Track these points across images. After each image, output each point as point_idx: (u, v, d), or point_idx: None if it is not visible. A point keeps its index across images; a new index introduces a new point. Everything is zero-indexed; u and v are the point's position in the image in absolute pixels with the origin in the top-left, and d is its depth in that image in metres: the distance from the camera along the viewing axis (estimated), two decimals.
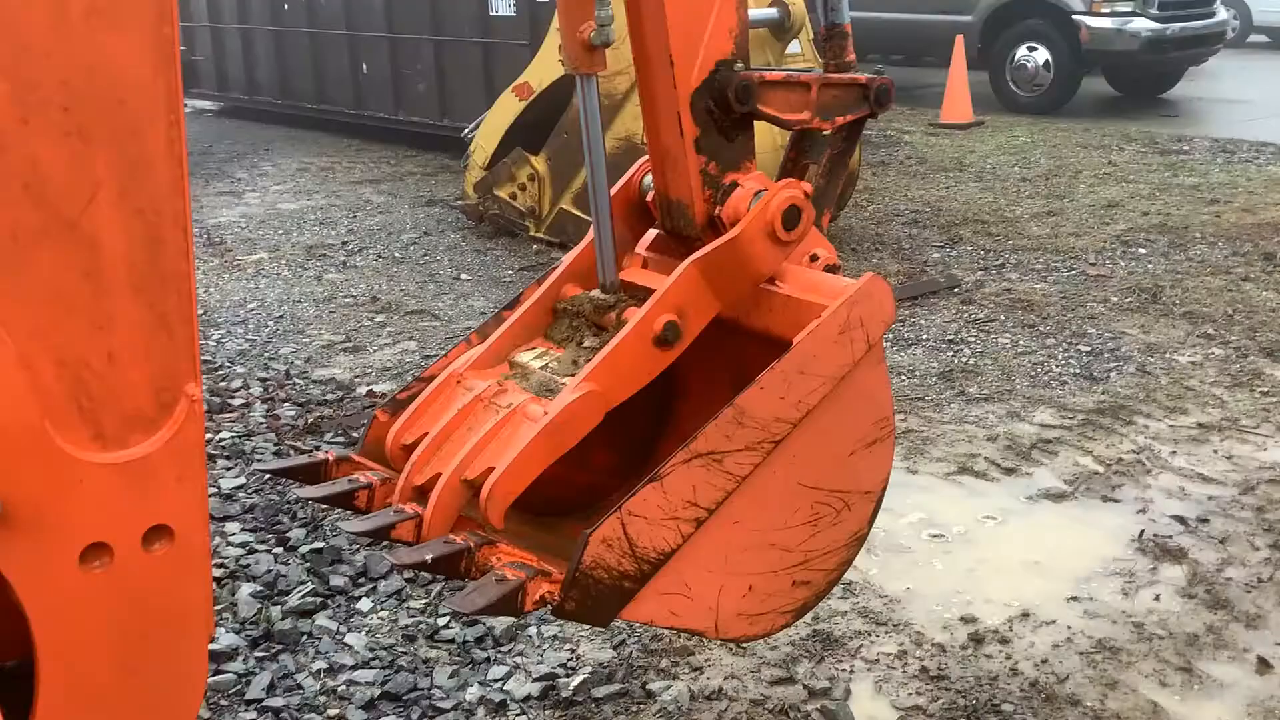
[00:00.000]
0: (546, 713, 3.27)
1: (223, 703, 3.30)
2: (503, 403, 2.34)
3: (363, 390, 5.57)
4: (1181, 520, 4.25)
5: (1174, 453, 4.79)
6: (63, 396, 1.55)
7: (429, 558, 2.13)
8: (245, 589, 3.81)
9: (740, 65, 2.39)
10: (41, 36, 1.45)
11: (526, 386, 2.37)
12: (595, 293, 2.51)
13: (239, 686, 3.36)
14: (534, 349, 2.50)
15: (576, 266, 2.59)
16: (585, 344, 2.45)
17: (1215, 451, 4.80)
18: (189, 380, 1.64)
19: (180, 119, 1.57)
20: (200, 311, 6.63)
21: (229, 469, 4.69)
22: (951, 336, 6.14)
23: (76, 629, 1.61)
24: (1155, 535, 4.14)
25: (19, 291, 1.49)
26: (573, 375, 2.31)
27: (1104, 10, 12.83)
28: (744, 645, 3.46)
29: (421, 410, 2.43)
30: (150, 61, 1.53)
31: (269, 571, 3.92)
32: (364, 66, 12.26)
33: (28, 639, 1.60)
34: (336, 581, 3.87)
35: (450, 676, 3.41)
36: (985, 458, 4.78)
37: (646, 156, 2.57)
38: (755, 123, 2.46)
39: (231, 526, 4.22)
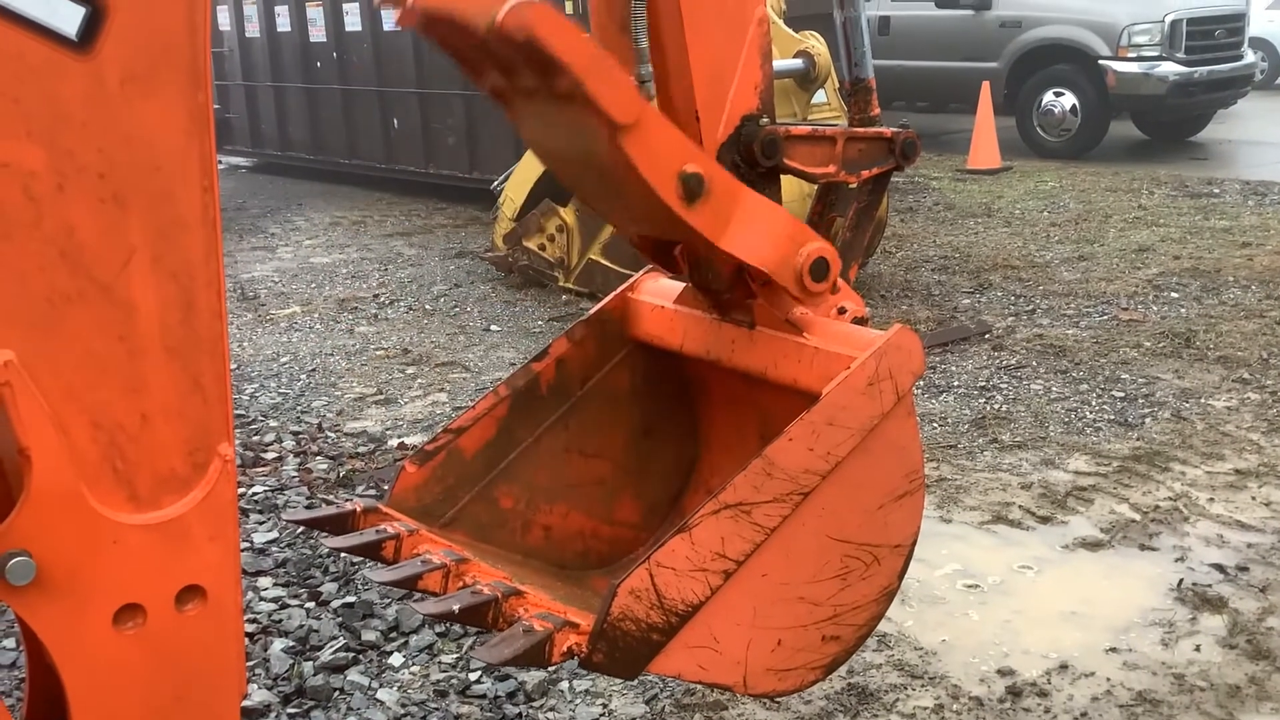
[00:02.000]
0: None
1: None
2: None
3: (394, 443, 5.59)
4: (1221, 568, 4.19)
5: (1211, 500, 4.73)
6: (97, 458, 1.57)
7: (456, 608, 2.13)
8: (277, 644, 3.81)
9: (766, 120, 2.41)
10: (78, 104, 1.48)
11: None
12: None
13: None
14: None
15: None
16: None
17: (1253, 498, 4.73)
18: (222, 440, 1.65)
19: (214, 183, 1.60)
20: (233, 366, 6.69)
21: (261, 523, 4.71)
22: (983, 383, 6.11)
23: (110, 690, 1.62)
24: (1194, 584, 4.08)
25: (55, 355, 1.52)
26: None
27: (1130, 55, 12.85)
28: (775, 701, 3.42)
29: None
30: (185, 128, 1.56)
31: (301, 626, 3.92)
32: (395, 121, 12.43)
33: (62, 700, 1.61)
34: (368, 636, 3.87)
35: None
36: (1020, 506, 4.74)
37: None
38: (781, 176, 2.48)
39: (264, 581, 4.23)
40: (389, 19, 12.05)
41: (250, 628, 3.89)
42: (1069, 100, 13.19)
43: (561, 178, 2.45)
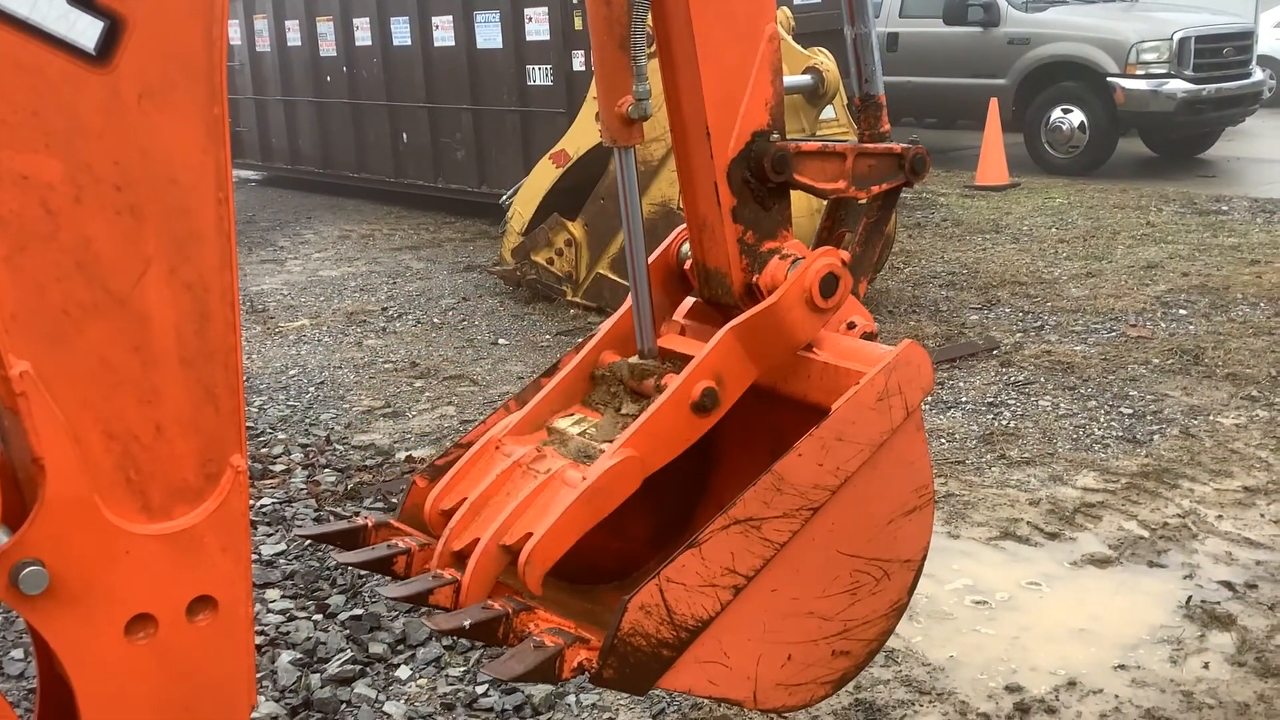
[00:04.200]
0: None
1: None
2: (541, 468, 2.35)
3: (402, 456, 5.60)
4: (1229, 586, 4.17)
5: (1220, 517, 4.72)
6: (111, 468, 1.57)
7: (467, 624, 2.13)
8: (285, 656, 3.82)
9: (776, 135, 2.42)
10: (96, 117, 1.50)
11: (565, 452, 2.38)
12: (634, 359, 2.53)
13: None
14: (572, 415, 2.51)
15: (615, 333, 2.60)
16: (624, 410, 2.46)
17: (1262, 515, 4.72)
18: (234, 452, 1.66)
19: (229, 196, 1.61)
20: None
21: (270, 535, 4.71)
22: (991, 399, 6.10)
23: (120, 699, 1.63)
24: (1203, 601, 4.07)
25: (70, 365, 1.53)
26: (611, 441, 2.32)
27: (1139, 72, 12.86)
28: (784, 716, 3.42)
29: (460, 476, 2.44)
30: (201, 141, 1.57)
31: (308, 639, 3.92)
32: (404, 135, 12.47)
33: (73, 709, 1.62)
34: (376, 649, 3.87)
35: None
36: (1028, 522, 4.73)
37: (684, 225, 2.60)
38: (791, 191, 2.48)
39: (272, 593, 4.23)
40: (399, 34, 12.12)
41: (258, 640, 3.89)
42: (1077, 117, 13.20)
43: None
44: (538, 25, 10.60)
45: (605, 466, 2.23)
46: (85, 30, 1.47)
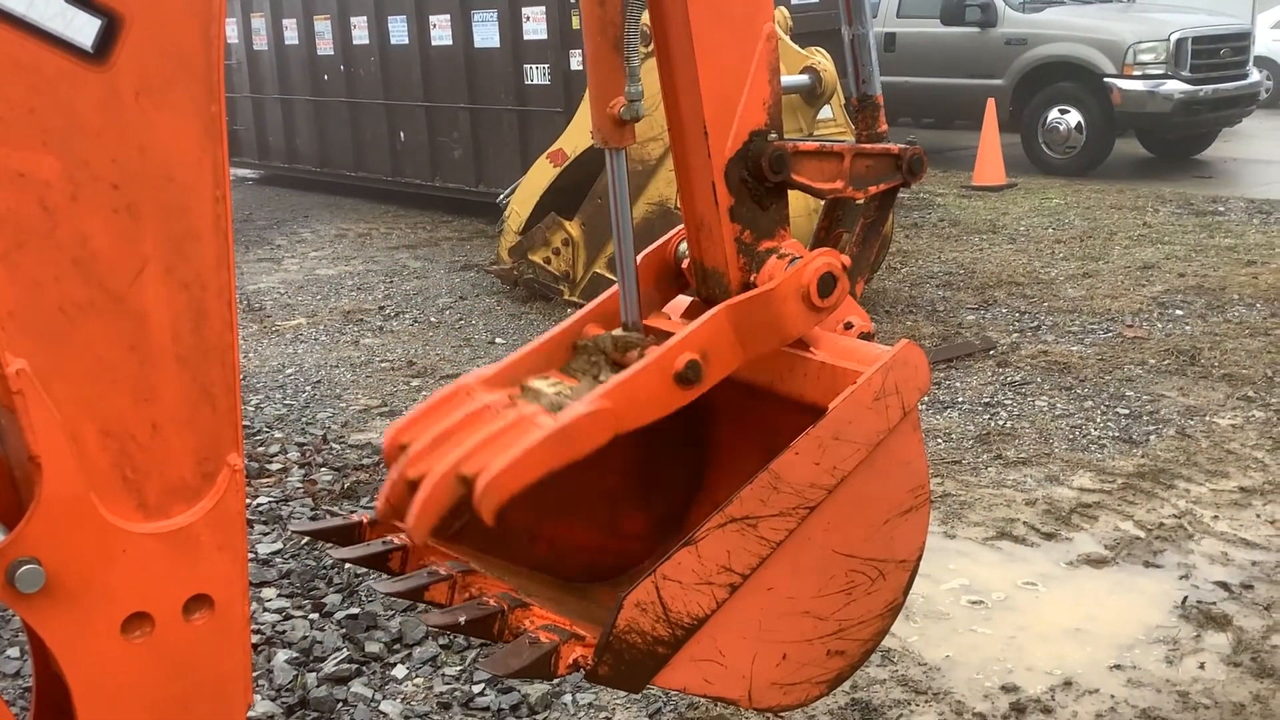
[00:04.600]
0: None
1: None
2: (510, 415, 2.27)
3: None
4: (1225, 586, 4.18)
5: (1216, 517, 4.73)
6: (107, 467, 1.57)
7: (462, 620, 2.13)
8: (281, 655, 3.82)
9: (774, 135, 2.41)
10: (93, 115, 1.49)
11: (538, 404, 2.30)
12: (618, 331, 2.49)
13: None
14: (549, 378, 2.44)
15: (602, 310, 2.56)
16: (602, 378, 2.39)
17: (1258, 516, 4.73)
18: (231, 450, 1.66)
19: (226, 194, 1.61)
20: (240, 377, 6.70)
21: (266, 534, 4.71)
22: (988, 399, 6.11)
23: (117, 698, 1.62)
24: (1199, 602, 4.07)
25: (66, 364, 1.53)
26: None
27: (1136, 73, 12.87)
28: (779, 715, 3.42)
29: (425, 415, 2.29)
30: (198, 139, 1.57)
31: (305, 638, 3.92)
32: (401, 134, 12.46)
33: (69, 708, 1.62)
34: (372, 648, 3.87)
35: None
36: (1024, 522, 4.74)
37: (682, 225, 2.60)
38: (789, 190, 2.48)
39: (268, 592, 4.23)
40: (396, 33, 12.12)
41: (254, 639, 3.89)
42: (1074, 118, 13.22)
43: None
44: (535, 24, 10.60)
45: (578, 412, 2.15)
46: (83, 28, 1.47)
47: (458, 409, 2.28)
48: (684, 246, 2.62)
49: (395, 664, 3.80)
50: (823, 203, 2.64)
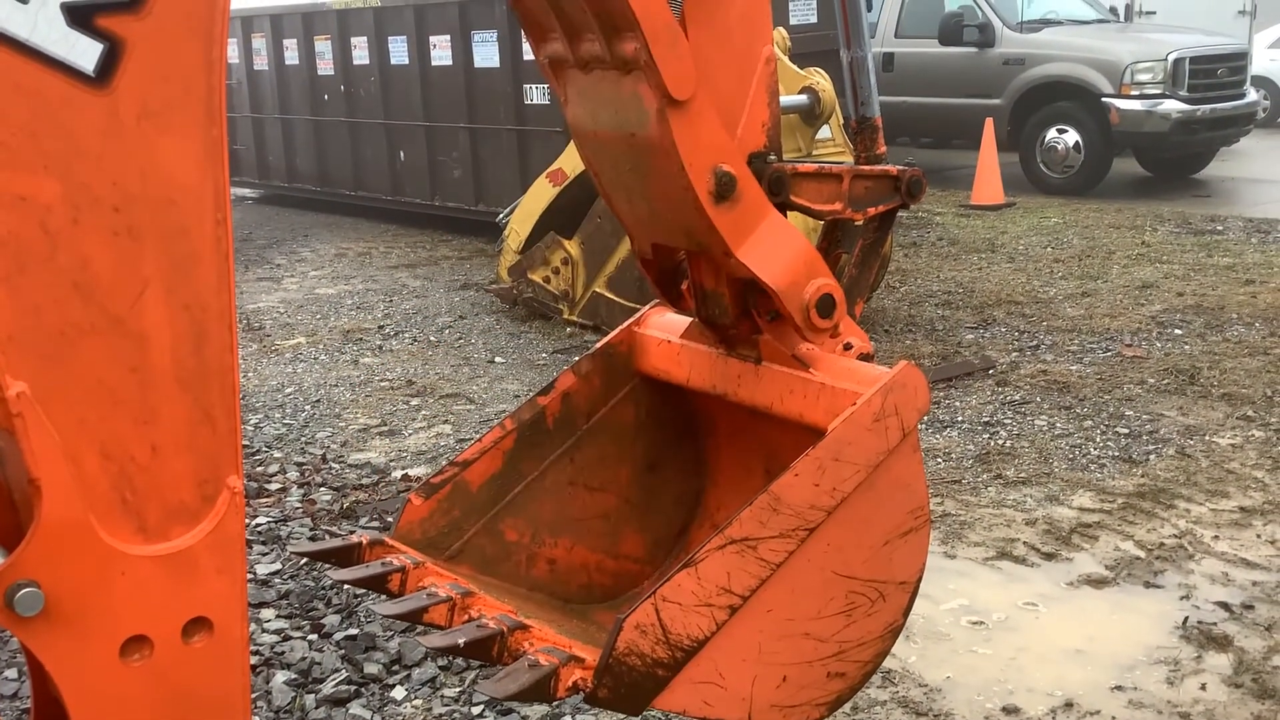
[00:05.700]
0: None
1: None
2: None
3: (398, 474, 5.59)
4: (1226, 606, 4.17)
5: (1216, 537, 4.72)
6: (107, 489, 1.57)
7: (461, 642, 2.13)
8: (280, 677, 3.80)
9: (773, 157, 2.42)
10: (95, 139, 1.50)
11: None
12: None
13: None
14: None
15: None
16: None
17: (1259, 536, 4.72)
18: (231, 472, 1.66)
19: (227, 217, 1.61)
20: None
21: (265, 554, 4.70)
22: (987, 419, 6.11)
23: None
24: (1199, 622, 4.07)
25: (66, 386, 1.53)
26: None
27: (1133, 93, 12.91)
28: None
29: None
30: (199, 162, 1.57)
31: (303, 659, 3.91)
32: (401, 154, 12.50)
33: None
34: (370, 669, 3.86)
35: None
36: (1024, 542, 4.73)
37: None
38: (788, 212, 2.49)
39: (267, 613, 4.22)
40: (396, 53, 12.16)
41: (253, 660, 3.87)
42: (1072, 137, 13.25)
43: (593, 164, 2.46)
44: None
45: None
46: (85, 52, 1.47)
47: None
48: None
49: (394, 685, 3.78)
50: (821, 224, 2.65)
